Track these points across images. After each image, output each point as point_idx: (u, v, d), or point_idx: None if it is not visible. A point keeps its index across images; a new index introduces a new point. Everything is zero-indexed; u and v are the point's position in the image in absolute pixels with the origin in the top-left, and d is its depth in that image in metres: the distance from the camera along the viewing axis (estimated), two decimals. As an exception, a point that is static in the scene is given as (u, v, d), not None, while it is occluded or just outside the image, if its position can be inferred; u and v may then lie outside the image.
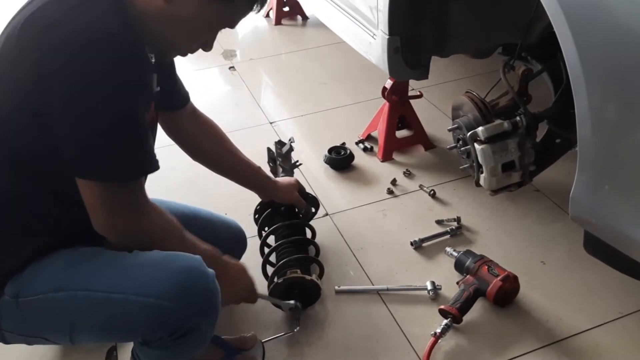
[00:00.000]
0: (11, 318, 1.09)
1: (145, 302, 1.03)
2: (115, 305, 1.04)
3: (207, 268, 1.10)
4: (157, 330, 1.06)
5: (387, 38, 1.77)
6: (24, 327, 1.10)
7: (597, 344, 1.41)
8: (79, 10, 0.97)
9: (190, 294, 1.05)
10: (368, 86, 2.54)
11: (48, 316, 1.08)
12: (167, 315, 1.04)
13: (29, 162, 1.05)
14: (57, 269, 1.08)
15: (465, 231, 1.77)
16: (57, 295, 1.06)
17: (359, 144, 2.22)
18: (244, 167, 1.55)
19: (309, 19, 3.40)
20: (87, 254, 1.11)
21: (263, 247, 1.62)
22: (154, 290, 1.03)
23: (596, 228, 1.22)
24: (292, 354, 1.44)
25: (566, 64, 1.09)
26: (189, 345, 1.13)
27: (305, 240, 1.63)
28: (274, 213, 1.64)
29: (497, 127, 1.45)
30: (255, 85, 2.79)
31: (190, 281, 1.06)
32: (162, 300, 1.03)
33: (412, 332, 1.47)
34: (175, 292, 1.04)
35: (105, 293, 1.04)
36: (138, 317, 1.04)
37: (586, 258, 1.32)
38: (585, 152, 1.14)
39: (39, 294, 1.06)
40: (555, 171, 1.66)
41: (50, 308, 1.06)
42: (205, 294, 1.08)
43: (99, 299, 1.04)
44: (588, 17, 1.04)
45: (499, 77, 1.54)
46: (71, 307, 1.05)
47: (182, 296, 1.04)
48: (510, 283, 1.50)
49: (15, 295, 1.07)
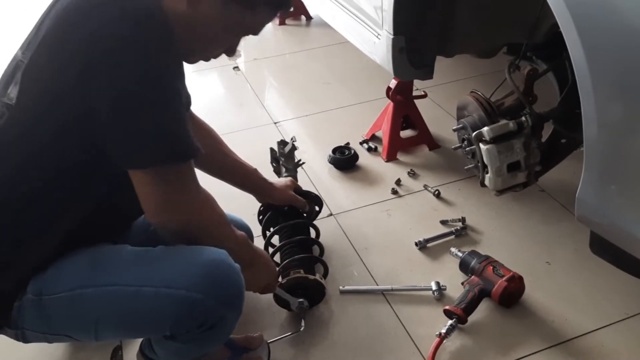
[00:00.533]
0: (34, 316, 1.09)
1: (176, 294, 1.04)
2: (145, 298, 1.04)
3: (233, 261, 1.11)
4: (186, 322, 1.07)
5: (391, 38, 1.77)
6: (47, 325, 1.11)
7: (603, 345, 1.40)
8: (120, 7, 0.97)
9: (219, 286, 1.07)
10: (372, 86, 2.54)
11: (73, 313, 1.08)
12: (198, 306, 1.05)
13: (53, 161, 1.04)
14: (82, 266, 1.09)
15: (470, 231, 1.77)
16: (84, 291, 1.06)
17: (363, 144, 2.21)
18: (238, 169, 1.56)
19: (313, 19, 3.40)
20: (111, 251, 1.12)
21: (267, 248, 1.62)
22: (184, 282, 1.04)
23: (602, 228, 1.21)
24: (296, 354, 1.44)
25: (572, 63, 1.08)
26: (214, 337, 1.14)
27: (309, 240, 1.63)
28: (277, 213, 1.64)
29: (503, 127, 1.44)
30: (259, 85, 2.79)
31: (218, 273, 1.07)
32: (193, 292, 1.04)
33: (416, 333, 1.46)
34: (206, 284, 1.05)
35: (134, 287, 1.05)
36: (168, 309, 1.05)
37: (592, 258, 1.31)
38: (592, 152, 1.13)
39: (64, 291, 1.07)
40: (561, 171, 1.65)
41: (76, 305, 1.07)
42: (232, 286, 1.10)
43: (128, 293, 1.05)
44: (595, 16, 1.04)
45: (504, 77, 1.54)
46: (99, 302, 1.06)
47: (211, 288, 1.05)
48: (516, 283, 1.49)
49: (39, 294, 1.08)
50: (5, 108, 1.06)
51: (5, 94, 1.06)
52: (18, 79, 1.05)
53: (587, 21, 1.05)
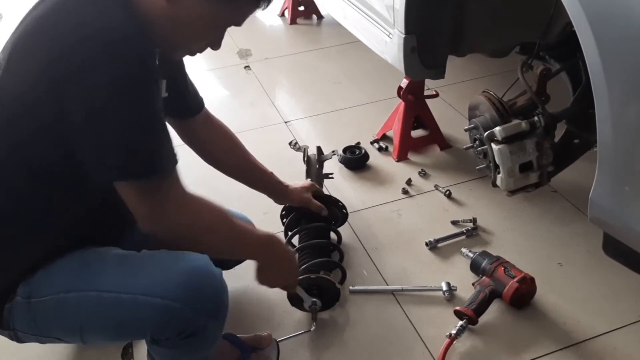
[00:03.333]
0: (24, 318, 1.11)
1: (152, 302, 1.04)
2: (124, 305, 1.05)
3: (214, 267, 1.10)
4: (164, 329, 1.07)
5: (403, 37, 1.77)
6: (36, 327, 1.12)
7: (616, 347, 1.39)
8: (90, 14, 0.96)
9: (198, 295, 1.06)
10: (383, 85, 2.53)
11: (59, 317, 1.09)
12: (174, 315, 1.05)
13: (40, 166, 1.04)
14: (68, 270, 1.09)
15: (481, 232, 1.76)
16: (67, 296, 1.07)
17: (374, 143, 2.21)
18: (257, 172, 1.57)
19: (324, 18, 3.40)
20: (97, 255, 1.12)
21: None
22: (161, 290, 1.04)
23: (615, 230, 1.20)
24: (305, 353, 1.44)
25: (586, 63, 1.07)
26: (197, 344, 1.14)
27: (330, 245, 1.63)
28: (300, 216, 1.65)
29: (515, 127, 1.43)
30: (270, 85, 2.79)
31: (196, 281, 1.07)
32: (169, 300, 1.04)
33: (426, 333, 1.46)
34: (181, 292, 1.05)
35: (114, 293, 1.06)
36: (146, 316, 1.05)
37: (605, 260, 1.30)
38: (605, 152, 1.12)
39: (49, 294, 1.08)
40: (574, 172, 1.64)
41: (60, 309, 1.07)
42: (211, 294, 1.09)
43: (107, 299, 1.05)
44: (610, 15, 1.03)
45: (516, 76, 1.53)
46: (81, 307, 1.07)
47: (187, 296, 1.05)
48: (527, 285, 1.48)
49: (28, 296, 1.09)
50: None
51: None
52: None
53: (602, 20, 1.03)
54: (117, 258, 1.11)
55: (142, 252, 1.11)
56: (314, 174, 1.80)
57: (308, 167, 1.82)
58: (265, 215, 1.71)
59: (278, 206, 1.70)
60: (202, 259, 1.10)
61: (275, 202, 1.66)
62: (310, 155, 1.84)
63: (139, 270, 1.08)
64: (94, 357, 1.45)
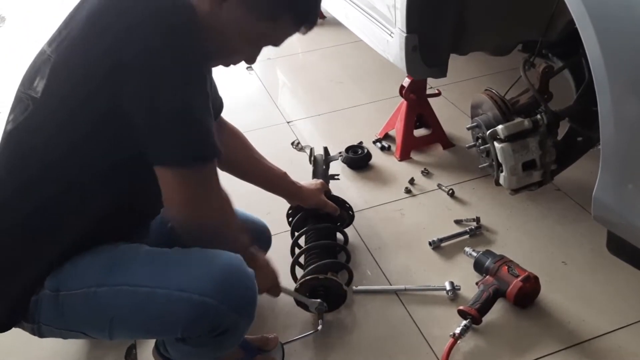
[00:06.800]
0: (50, 312, 1.10)
1: (188, 298, 1.04)
2: (159, 300, 1.05)
3: (248, 268, 1.11)
4: (197, 326, 1.07)
5: (404, 36, 1.76)
6: (63, 321, 1.11)
7: (620, 346, 1.38)
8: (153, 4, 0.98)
9: (232, 292, 1.07)
10: (385, 85, 2.53)
11: (89, 310, 1.09)
12: (209, 312, 1.05)
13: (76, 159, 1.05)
14: (99, 264, 1.09)
15: (485, 231, 1.75)
16: (99, 290, 1.07)
17: (376, 143, 2.21)
18: (270, 174, 1.58)
19: (326, 18, 3.40)
20: (129, 251, 1.12)
21: (294, 249, 1.62)
22: (198, 286, 1.04)
23: (619, 228, 1.19)
24: (310, 354, 1.44)
25: (589, 60, 1.07)
26: (225, 343, 1.14)
27: (337, 246, 1.63)
28: (307, 216, 1.65)
29: (518, 126, 1.43)
30: (273, 85, 2.79)
31: (233, 280, 1.07)
32: (206, 296, 1.04)
33: (430, 333, 1.45)
34: (219, 290, 1.05)
35: (148, 288, 1.06)
36: (180, 312, 1.05)
37: (609, 258, 1.30)
38: (608, 150, 1.12)
39: (80, 288, 1.07)
40: (577, 170, 1.63)
41: (92, 302, 1.07)
42: (246, 293, 1.10)
43: (142, 294, 1.05)
44: (611, 12, 1.02)
45: (519, 74, 1.52)
46: (113, 302, 1.07)
47: (224, 294, 1.05)
48: (531, 284, 1.48)
49: (56, 289, 1.08)
50: (30, 100, 1.07)
51: (31, 87, 1.08)
52: (45, 73, 1.06)
53: (604, 17, 1.03)
54: (149, 254, 1.12)
55: (174, 249, 1.11)
56: (320, 174, 1.80)
57: (315, 168, 1.82)
58: (269, 215, 1.70)
59: (280, 206, 1.70)
60: (236, 257, 1.10)
61: (290, 203, 1.67)
62: (317, 156, 1.84)
63: (173, 266, 1.08)
64: (95, 358, 1.45)
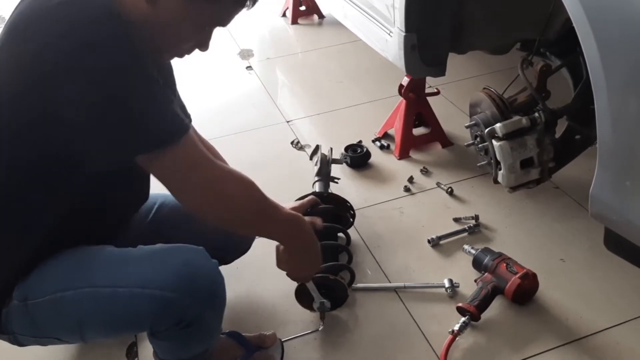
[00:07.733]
0: (22, 321, 1.11)
1: (150, 294, 1.05)
2: (121, 299, 1.06)
3: (210, 259, 1.11)
4: (162, 320, 1.08)
5: (403, 35, 1.77)
6: (36, 329, 1.12)
7: (618, 342, 1.39)
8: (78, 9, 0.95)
9: (192, 283, 1.07)
10: (384, 84, 2.54)
11: (57, 316, 1.09)
12: (171, 304, 1.06)
13: (27, 164, 1.04)
14: (62, 269, 1.10)
15: (484, 229, 1.76)
16: (64, 294, 1.07)
17: (375, 141, 2.21)
18: None
19: (325, 18, 3.41)
20: (91, 252, 1.13)
21: None
22: (157, 281, 1.05)
23: (617, 225, 1.20)
24: (309, 352, 1.44)
25: (586, 59, 1.07)
26: (195, 335, 1.14)
27: (339, 246, 1.63)
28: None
29: (515, 124, 1.44)
30: (272, 85, 2.80)
31: (192, 271, 1.08)
32: (166, 291, 1.05)
33: (429, 330, 1.46)
34: (178, 283, 1.06)
35: (110, 288, 1.06)
36: (144, 309, 1.06)
37: (607, 255, 1.30)
38: (606, 148, 1.12)
39: (46, 295, 1.08)
40: (575, 168, 1.64)
41: (58, 308, 1.08)
42: (207, 284, 1.10)
43: (104, 295, 1.06)
44: (608, 11, 1.03)
45: (517, 73, 1.53)
46: (79, 305, 1.07)
47: (183, 285, 1.06)
48: (529, 281, 1.49)
49: (24, 299, 1.09)
50: None
51: None
52: None
53: (600, 15, 1.04)
54: (111, 254, 1.12)
55: (137, 248, 1.12)
56: (324, 173, 1.80)
57: (320, 167, 1.83)
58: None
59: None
60: (197, 250, 1.11)
61: None
62: (322, 155, 1.85)
63: (133, 265, 1.09)
64: (97, 357, 1.46)
